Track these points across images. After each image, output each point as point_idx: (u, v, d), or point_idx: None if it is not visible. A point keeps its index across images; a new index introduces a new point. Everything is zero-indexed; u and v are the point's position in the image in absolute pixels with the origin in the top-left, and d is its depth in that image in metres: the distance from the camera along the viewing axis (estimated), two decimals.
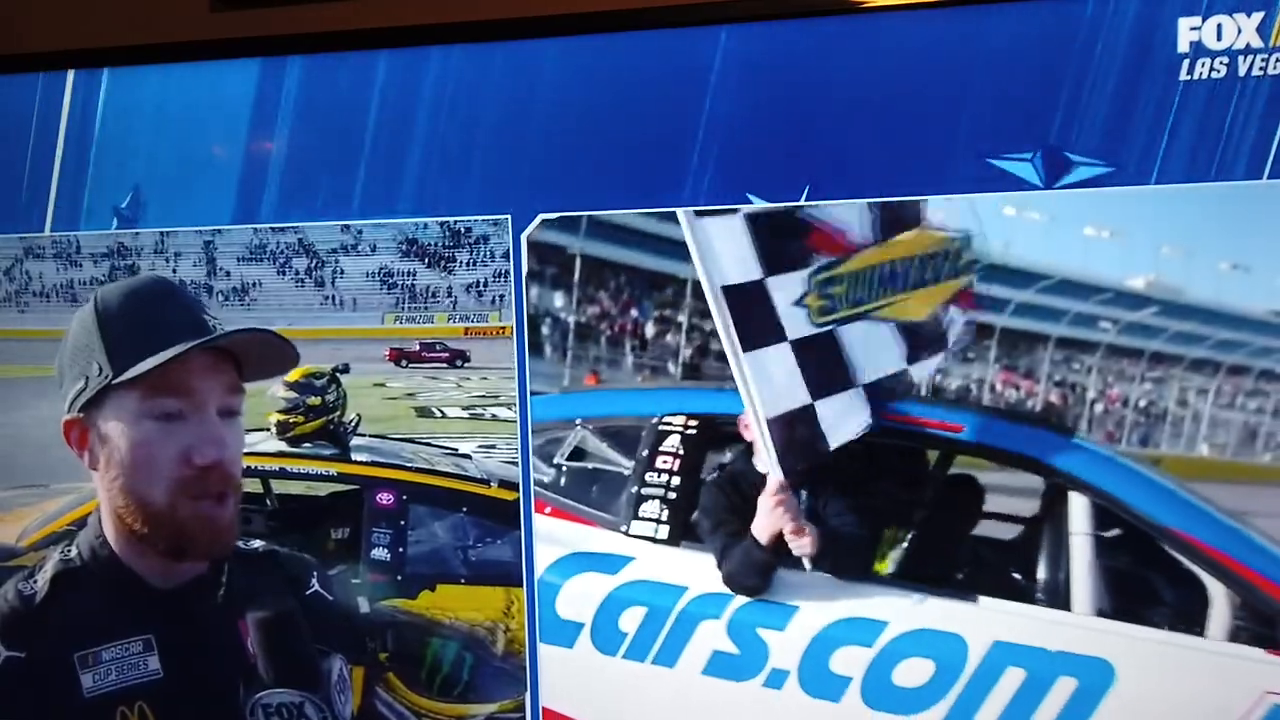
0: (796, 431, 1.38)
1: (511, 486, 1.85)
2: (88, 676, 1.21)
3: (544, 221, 1.75)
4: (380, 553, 2.04)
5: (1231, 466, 1.35)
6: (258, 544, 1.38)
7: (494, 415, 1.97)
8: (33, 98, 1.93)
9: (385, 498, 2.09)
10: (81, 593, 1.24)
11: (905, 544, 1.48)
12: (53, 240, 2.10)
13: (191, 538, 1.21)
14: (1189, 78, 1.40)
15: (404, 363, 2.12)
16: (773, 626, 1.47)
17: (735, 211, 1.49)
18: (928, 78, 1.51)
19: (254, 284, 2.15)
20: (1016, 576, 1.45)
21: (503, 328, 1.85)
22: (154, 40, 1.84)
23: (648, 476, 1.66)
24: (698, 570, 1.58)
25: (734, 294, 1.44)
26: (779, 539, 1.44)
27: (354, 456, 2.17)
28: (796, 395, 1.38)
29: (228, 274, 2.13)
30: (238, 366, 1.26)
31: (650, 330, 1.74)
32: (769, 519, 1.43)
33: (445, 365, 2.08)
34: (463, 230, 1.95)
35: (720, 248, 1.45)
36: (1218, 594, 1.35)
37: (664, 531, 1.60)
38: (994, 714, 1.40)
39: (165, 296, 1.30)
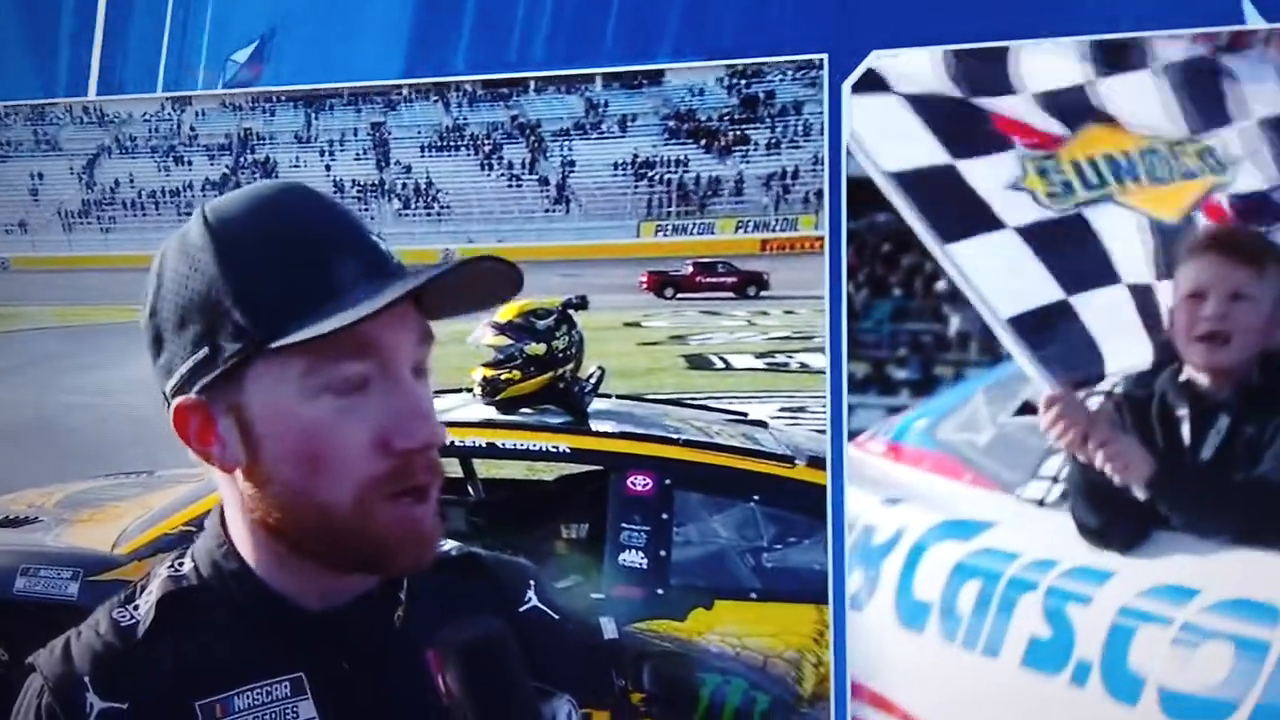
0: (1056, 331, 1.26)
1: (824, 465, 1.58)
2: None
3: (880, 62, 1.37)
4: (633, 557, 1.81)
5: None
6: (450, 546, 1.08)
7: (803, 364, 1.58)
8: None
9: (640, 482, 1.84)
10: (201, 620, 0.94)
11: None
12: (154, 122, 1.63)
13: (390, 551, 0.86)
14: None
15: (669, 292, 1.79)
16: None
17: (888, 91, 1.34)
18: None
19: (441, 185, 1.67)
20: None
21: (817, 238, 1.55)
22: None
23: None
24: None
25: (911, 181, 1.32)
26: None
27: (595, 426, 1.88)
28: (1043, 290, 1.26)
29: (407, 169, 1.68)
30: (417, 302, 0.95)
31: None
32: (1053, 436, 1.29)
33: (732, 295, 1.75)
34: (760, 95, 1.49)
35: (884, 128, 1.34)
36: None
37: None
38: None
39: (314, 210, 1.00)
